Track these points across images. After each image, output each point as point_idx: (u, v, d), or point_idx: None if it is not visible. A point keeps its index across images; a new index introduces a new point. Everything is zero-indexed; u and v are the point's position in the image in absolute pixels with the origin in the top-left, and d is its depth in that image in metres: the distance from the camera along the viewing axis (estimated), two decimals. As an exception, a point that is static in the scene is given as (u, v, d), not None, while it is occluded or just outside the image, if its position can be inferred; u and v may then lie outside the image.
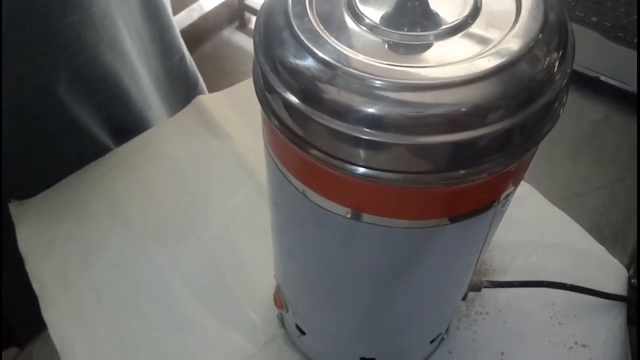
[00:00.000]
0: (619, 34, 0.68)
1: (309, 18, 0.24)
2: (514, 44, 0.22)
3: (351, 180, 0.24)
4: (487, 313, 0.47)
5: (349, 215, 0.26)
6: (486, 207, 0.27)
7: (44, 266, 0.52)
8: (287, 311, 0.43)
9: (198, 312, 0.48)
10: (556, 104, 0.24)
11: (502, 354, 0.45)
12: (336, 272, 0.33)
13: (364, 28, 0.24)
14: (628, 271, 0.49)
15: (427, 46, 0.24)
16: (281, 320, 0.46)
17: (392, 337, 0.39)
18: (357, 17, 0.24)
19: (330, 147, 0.23)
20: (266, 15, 0.25)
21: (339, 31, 0.24)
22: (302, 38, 0.23)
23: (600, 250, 0.50)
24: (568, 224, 0.52)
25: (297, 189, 0.27)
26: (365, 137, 0.22)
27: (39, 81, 0.52)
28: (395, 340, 0.39)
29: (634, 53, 0.65)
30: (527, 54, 0.22)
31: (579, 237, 0.51)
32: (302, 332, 0.43)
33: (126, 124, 0.63)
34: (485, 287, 0.45)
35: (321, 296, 0.36)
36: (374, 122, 0.21)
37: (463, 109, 0.21)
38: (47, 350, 0.46)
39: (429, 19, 0.24)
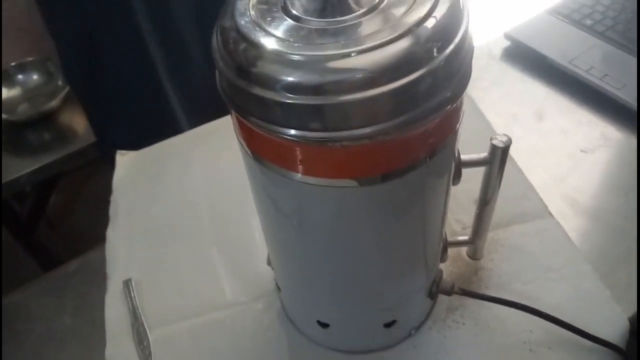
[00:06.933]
0: None
1: (249, 11, 0.30)
2: (402, 24, 0.27)
3: (278, 141, 0.29)
4: (464, 324, 0.48)
5: (277, 171, 0.32)
6: (399, 171, 0.31)
7: (122, 200, 0.65)
8: (272, 268, 0.49)
9: (216, 257, 0.56)
10: (440, 81, 0.28)
11: (462, 362, 0.45)
12: (287, 229, 0.38)
13: (289, 18, 0.30)
14: (632, 323, 0.46)
15: (339, 29, 0.29)
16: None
17: (340, 305, 0.43)
18: (286, 11, 0.30)
19: (249, 106, 0.29)
20: (222, 10, 0.31)
21: (269, 21, 0.30)
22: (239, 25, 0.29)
23: (605, 295, 0.48)
24: (580, 263, 0.50)
25: (245, 149, 0.34)
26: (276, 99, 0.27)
27: None
28: (344, 309, 0.43)
29: None
30: (414, 30, 0.27)
31: (587, 278, 0.49)
32: (279, 288, 0.49)
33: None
34: (457, 293, 0.46)
35: (278, 249, 0.42)
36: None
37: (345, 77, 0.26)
38: (101, 259, 0.58)
39: (344, 8, 0.30)
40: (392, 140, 0.29)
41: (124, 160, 0.72)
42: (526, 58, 0.73)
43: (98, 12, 0.82)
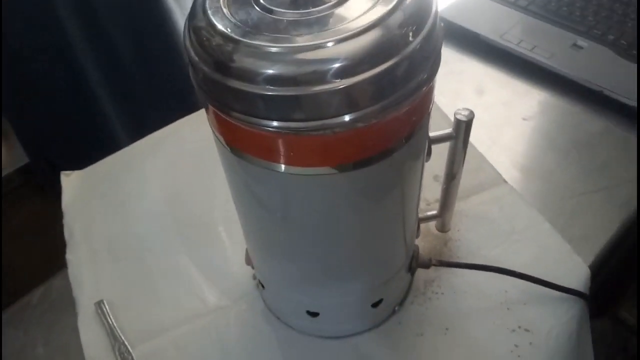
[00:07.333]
0: (634, 52, 0.68)
1: (221, 8, 0.30)
2: (376, 11, 0.28)
3: (261, 133, 0.29)
4: (442, 293, 0.50)
5: (259, 164, 0.32)
6: (376, 157, 0.32)
7: (76, 221, 0.62)
8: (253, 267, 0.49)
9: (188, 265, 0.55)
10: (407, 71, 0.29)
11: (447, 329, 0.48)
12: (272, 223, 0.38)
13: (262, 11, 0.30)
14: (591, 270, 0.50)
15: (312, 20, 0.29)
16: (254, 278, 0.52)
17: (330, 292, 0.44)
18: (259, 4, 0.30)
19: (230, 100, 0.29)
20: (192, 11, 0.31)
21: (242, 14, 0.30)
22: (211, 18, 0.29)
23: (565, 248, 0.52)
24: (539, 223, 0.54)
25: (224, 145, 0.33)
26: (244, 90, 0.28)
27: None
28: (333, 295, 0.44)
29: (642, 69, 0.65)
30: (389, 16, 0.27)
31: (547, 235, 0.53)
32: (263, 286, 0.49)
33: None
34: (434, 265, 0.48)
35: (263, 246, 0.42)
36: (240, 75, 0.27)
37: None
38: (63, 284, 0.55)
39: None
40: (378, 123, 0.30)
41: (70, 180, 0.68)
42: (461, 37, 0.76)
43: (21, 24, 0.77)
